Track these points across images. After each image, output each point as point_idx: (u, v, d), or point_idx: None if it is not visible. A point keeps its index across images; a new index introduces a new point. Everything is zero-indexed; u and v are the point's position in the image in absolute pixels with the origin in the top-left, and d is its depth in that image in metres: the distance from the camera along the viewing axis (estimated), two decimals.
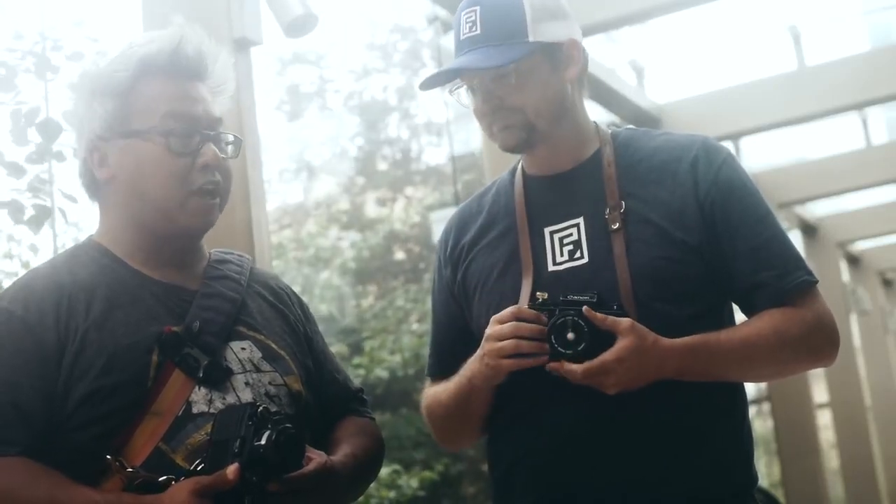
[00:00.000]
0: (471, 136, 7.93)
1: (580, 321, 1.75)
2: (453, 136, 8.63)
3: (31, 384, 1.63)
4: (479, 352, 1.84)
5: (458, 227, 2.07)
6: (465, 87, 1.94)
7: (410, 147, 12.37)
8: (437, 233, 11.40)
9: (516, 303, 1.86)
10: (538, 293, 1.83)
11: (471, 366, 1.87)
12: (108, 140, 1.74)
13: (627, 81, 6.16)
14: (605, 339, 1.74)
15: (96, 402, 1.62)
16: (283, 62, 12.47)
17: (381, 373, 8.09)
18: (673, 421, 1.83)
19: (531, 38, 1.88)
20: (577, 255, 1.90)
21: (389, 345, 8.84)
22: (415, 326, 9.62)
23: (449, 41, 2.00)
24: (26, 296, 1.70)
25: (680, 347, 1.79)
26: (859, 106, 6.86)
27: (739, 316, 1.95)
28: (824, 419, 9.84)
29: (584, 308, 1.76)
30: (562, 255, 1.91)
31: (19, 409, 1.61)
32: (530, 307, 1.82)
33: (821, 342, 1.90)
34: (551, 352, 1.76)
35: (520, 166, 2.05)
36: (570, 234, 1.92)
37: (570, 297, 1.80)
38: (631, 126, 2.06)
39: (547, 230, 1.94)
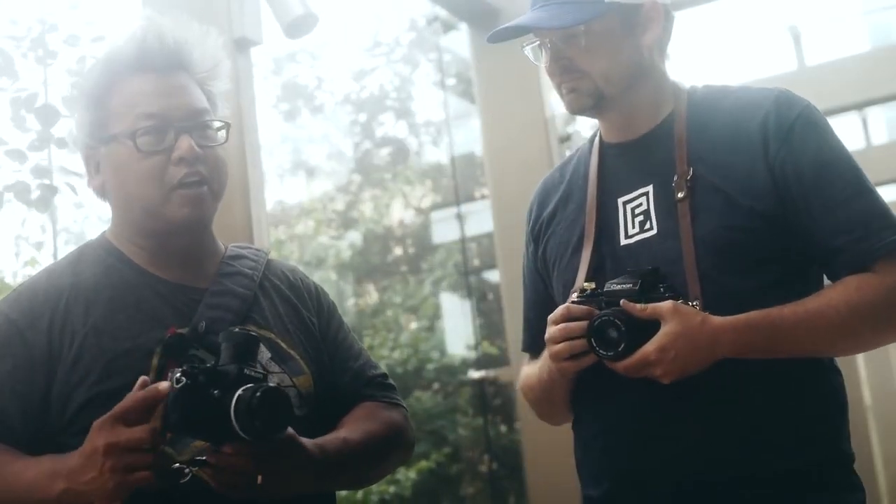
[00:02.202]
0: (470, 136, 7.94)
1: (617, 319, 1.64)
2: (453, 135, 8.65)
3: (12, 389, 1.62)
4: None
5: (539, 201, 1.99)
6: (537, 42, 1.83)
7: (408, 146, 12.37)
8: (437, 232, 11.31)
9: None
10: (585, 283, 1.74)
11: (548, 360, 1.79)
12: (95, 148, 1.74)
13: None
14: (651, 328, 1.64)
15: (96, 407, 1.57)
16: (280, 62, 12.47)
17: None
18: (746, 396, 1.71)
19: None
20: (647, 226, 1.79)
21: (389, 342, 8.87)
22: (413, 324, 9.63)
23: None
24: (25, 300, 1.69)
25: (734, 324, 1.65)
26: (859, 106, 6.88)
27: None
28: None
29: (622, 302, 1.66)
30: (633, 226, 1.81)
31: None
32: (578, 300, 1.73)
33: None
34: (595, 354, 1.68)
35: (598, 133, 1.94)
36: (641, 204, 1.81)
37: (612, 287, 1.70)
38: (710, 84, 1.93)
39: (620, 201, 1.84)
